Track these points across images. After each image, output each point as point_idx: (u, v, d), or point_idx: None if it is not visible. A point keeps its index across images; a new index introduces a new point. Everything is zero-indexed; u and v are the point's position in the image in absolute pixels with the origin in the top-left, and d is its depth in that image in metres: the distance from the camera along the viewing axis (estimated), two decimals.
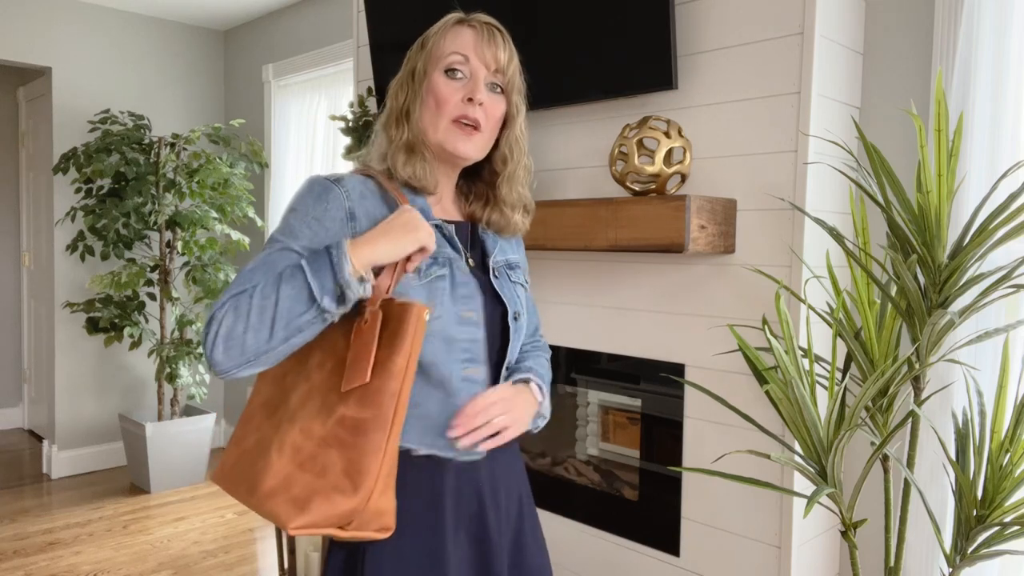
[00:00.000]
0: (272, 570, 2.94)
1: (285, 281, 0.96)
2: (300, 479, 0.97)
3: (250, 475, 1.01)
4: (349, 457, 0.97)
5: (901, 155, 1.86)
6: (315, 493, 0.95)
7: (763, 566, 1.84)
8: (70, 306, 3.86)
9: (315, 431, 0.99)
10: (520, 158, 1.19)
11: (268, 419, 1.05)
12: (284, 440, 0.99)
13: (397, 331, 0.99)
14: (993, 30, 1.69)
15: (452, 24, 1.14)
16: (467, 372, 1.10)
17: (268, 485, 0.97)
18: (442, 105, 1.10)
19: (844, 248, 1.48)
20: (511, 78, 1.15)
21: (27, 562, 2.93)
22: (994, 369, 1.70)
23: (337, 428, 0.98)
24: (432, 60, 1.12)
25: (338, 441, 0.98)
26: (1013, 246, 1.64)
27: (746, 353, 1.59)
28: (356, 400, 0.98)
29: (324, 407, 1.00)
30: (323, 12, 3.79)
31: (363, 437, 0.97)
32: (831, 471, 1.40)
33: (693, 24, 1.95)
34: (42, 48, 3.89)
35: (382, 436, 0.97)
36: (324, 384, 1.01)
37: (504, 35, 1.15)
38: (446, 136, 1.10)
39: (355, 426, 0.97)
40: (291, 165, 3.97)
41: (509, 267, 1.22)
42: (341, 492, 0.95)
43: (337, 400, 0.99)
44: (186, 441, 3.86)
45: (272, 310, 0.95)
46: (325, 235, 1.03)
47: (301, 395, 1.02)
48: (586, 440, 2.28)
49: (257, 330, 0.95)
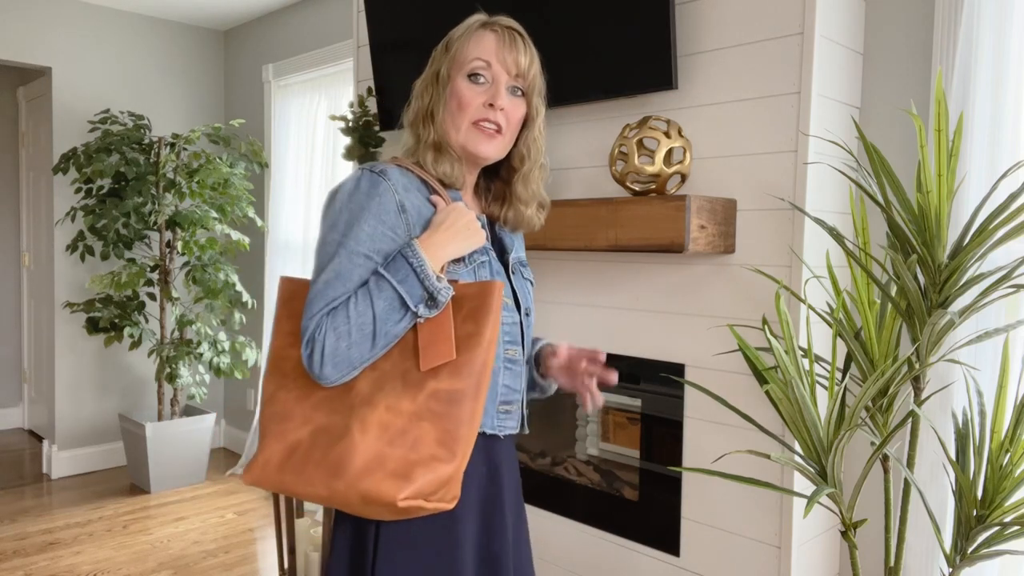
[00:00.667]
0: (272, 570, 2.94)
1: (376, 295, 1.04)
2: (393, 454, 1.02)
3: (327, 462, 1.03)
4: (444, 427, 1.03)
5: (901, 155, 1.86)
6: (415, 464, 1.01)
7: (763, 566, 1.84)
8: (70, 306, 3.86)
9: (404, 408, 1.04)
10: (537, 158, 1.24)
11: (323, 410, 1.07)
12: (367, 421, 1.03)
13: (481, 307, 1.07)
14: (993, 30, 1.69)
15: (476, 28, 1.18)
16: (509, 353, 1.19)
17: (358, 465, 1.01)
18: (464, 108, 1.15)
19: (844, 248, 1.49)
20: (532, 81, 1.19)
21: (27, 562, 2.93)
22: (994, 369, 1.70)
23: (430, 402, 1.04)
24: (456, 65, 1.16)
25: (431, 414, 1.04)
26: (1013, 246, 1.64)
27: (746, 353, 1.59)
28: (448, 374, 1.05)
29: (409, 385, 1.05)
30: (323, 12, 3.79)
31: (457, 407, 1.04)
32: (831, 471, 1.40)
33: (693, 24, 1.95)
34: (42, 48, 3.89)
35: (474, 404, 1.05)
36: (395, 368, 1.07)
37: (525, 39, 1.19)
38: (467, 138, 1.16)
39: (450, 398, 1.04)
40: (291, 165, 3.97)
41: (521, 264, 1.30)
42: (439, 460, 1.02)
43: (423, 377, 1.05)
44: (186, 441, 3.86)
45: (371, 325, 1.03)
46: (385, 231, 1.09)
47: (370, 382, 1.06)
48: (586, 440, 2.28)
49: (360, 344, 1.03)
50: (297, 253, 3.91)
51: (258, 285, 4.28)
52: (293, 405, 1.09)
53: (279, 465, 1.07)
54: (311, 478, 1.04)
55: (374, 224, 1.07)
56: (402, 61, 2.56)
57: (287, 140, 4.00)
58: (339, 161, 3.63)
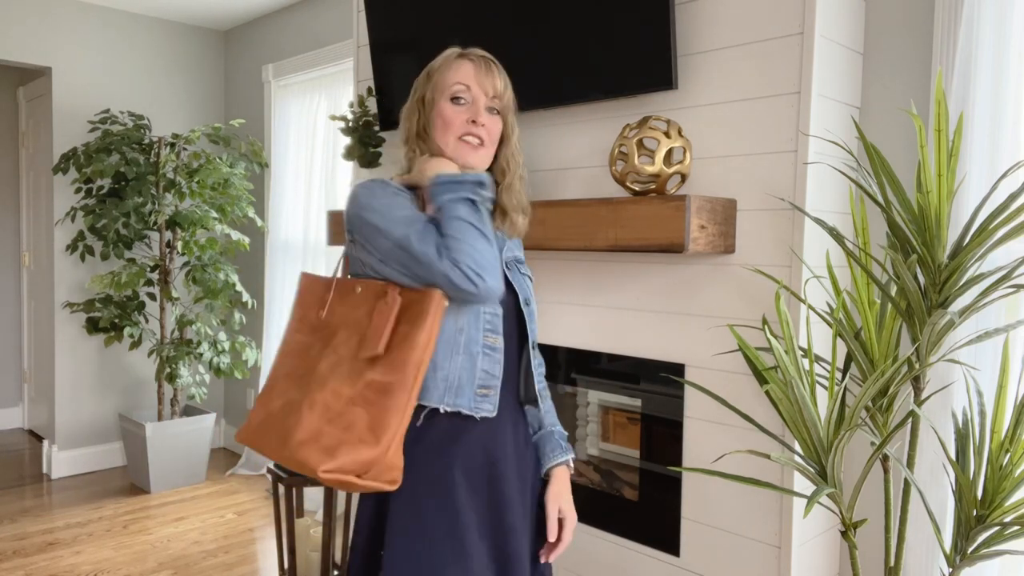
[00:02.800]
0: (272, 570, 2.94)
1: (451, 217, 1.20)
2: (329, 432, 1.15)
3: (281, 430, 1.19)
4: (373, 414, 1.15)
5: (901, 155, 1.86)
6: (342, 443, 1.13)
7: (763, 566, 1.84)
8: (70, 306, 3.86)
9: (344, 392, 1.17)
10: (516, 169, 1.39)
11: (294, 385, 1.24)
12: (315, 400, 1.17)
13: (420, 311, 1.19)
14: (993, 30, 1.69)
15: (454, 58, 1.34)
16: (488, 340, 1.30)
17: (299, 437, 1.15)
18: (449, 126, 1.30)
19: (844, 248, 1.49)
20: (506, 102, 1.35)
21: (27, 562, 2.93)
22: (994, 369, 1.70)
23: (365, 390, 1.17)
24: (439, 90, 1.32)
25: (365, 400, 1.16)
26: (1013, 246, 1.64)
27: (746, 353, 1.59)
28: (384, 367, 1.17)
29: (352, 373, 1.19)
30: (323, 12, 3.79)
31: (388, 398, 1.15)
32: (831, 471, 1.40)
33: (693, 24, 1.95)
34: (42, 48, 3.89)
35: (404, 398, 1.16)
36: (350, 355, 1.21)
37: (498, 66, 1.35)
38: (455, 152, 1.31)
39: (381, 388, 1.16)
40: (291, 165, 3.97)
41: (518, 262, 1.43)
42: (365, 443, 1.13)
43: (364, 367, 1.18)
44: (186, 441, 3.86)
45: (476, 228, 1.21)
46: (404, 201, 1.26)
47: (329, 364, 1.21)
48: (586, 440, 2.29)
49: (485, 247, 1.20)
50: (297, 253, 3.91)
51: (258, 285, 4.28)
52: (280, 380, 1.27)
53: (255, 428, 1.24)
54: (269, 442, 1.20)
55: (398, 199, 1.25)
56: (402, 61, 2.56)
57: (287, 140, 4.00)
58: (339, 161, 3.63)
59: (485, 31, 2.28)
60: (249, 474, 4.08)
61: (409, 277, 1.22)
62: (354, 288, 1.26)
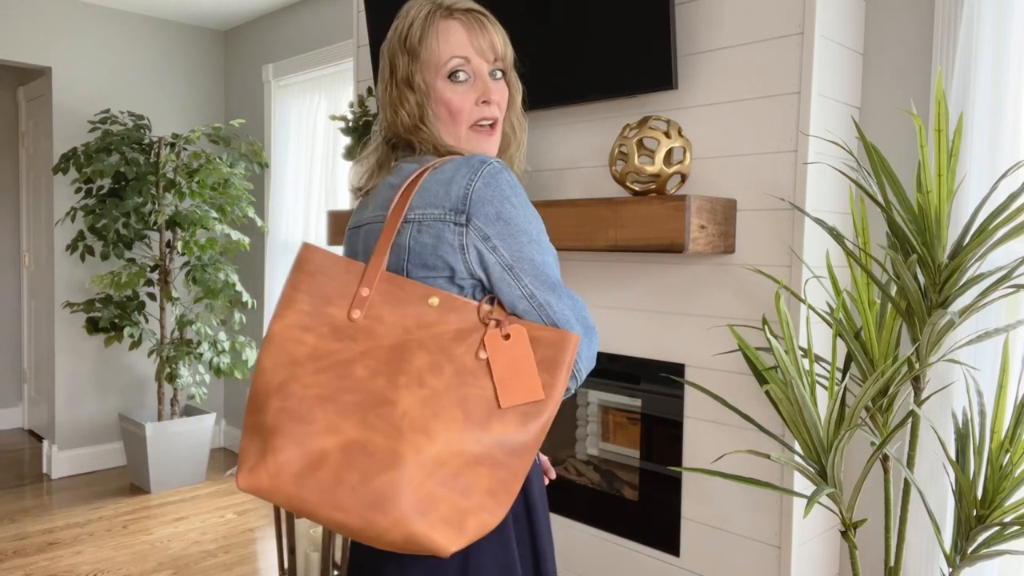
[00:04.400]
0: (272, 570, 2.94)
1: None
2: (444, 497, 0.89)
3: (368, 491, 0.88)
4: (499, 477, 0.92)
5: (901, 155, 1.86)
6: (466, 513, 0.90)
7: (763, 566, 1.84)
8: (70, 306, 3.86)
9: (468, 448, 0.92)
10: (522, 136, 1.19)
11: (348, 418, 0.91)
12: (422, 453, 0.89)
13: (556, 358, 0.96)
14: (993, 30, 1.69)
15: (438, 20, 1.06)
16: None
17: (408, 504, 0.88)
18: (457, 115, 1.07)
19: (844, 248, 1.49)
20: (508, 60, 1.12)
21: (27, 562, 2.93)
22: (994, 369, 1.70)
23: (495, 449, 0.93)
24: (430, 68, 1.06)
25: (492, 461, 0.92)
26: (1013, 246, 1.64)
27: (746, 353, 1.59)
28: (516, 421, 0.94)
29: (471, 422, 0.92)
30: (323, 12, 3.79)
31: (518, 459, 0.93)
32: (831, 471, 1.40)
33: (693, 24, 1.95)
34: (42, 48, 3.89)
35: (531, 459, 0.95)
36: (450, 393, 0.93)
37: (489, 17, 1.10)
38: (468, 143, 1.09)
39: (514, 449, 0.93)
40: (291, 165, 3.97)
41: None
42: (486, 511, 0.91)
43: (489, 417, 0.93)
44: (186, 441, 3.86)
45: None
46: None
47: (419, 402, 0.92)
48: (586, 440, 2.28)
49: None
50: None
51: (258, 285, 4.28)
52: (313, 405, 0.91)
53: (297, 476, 0.89)
54: (343, 503, 0.88)
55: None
56: None
57: (287, 140, 4.00)
58: (339, 161, 3.63)
59: None
60: None
61: (508, 304, 1.00)
62: (423, 297, 0.97)
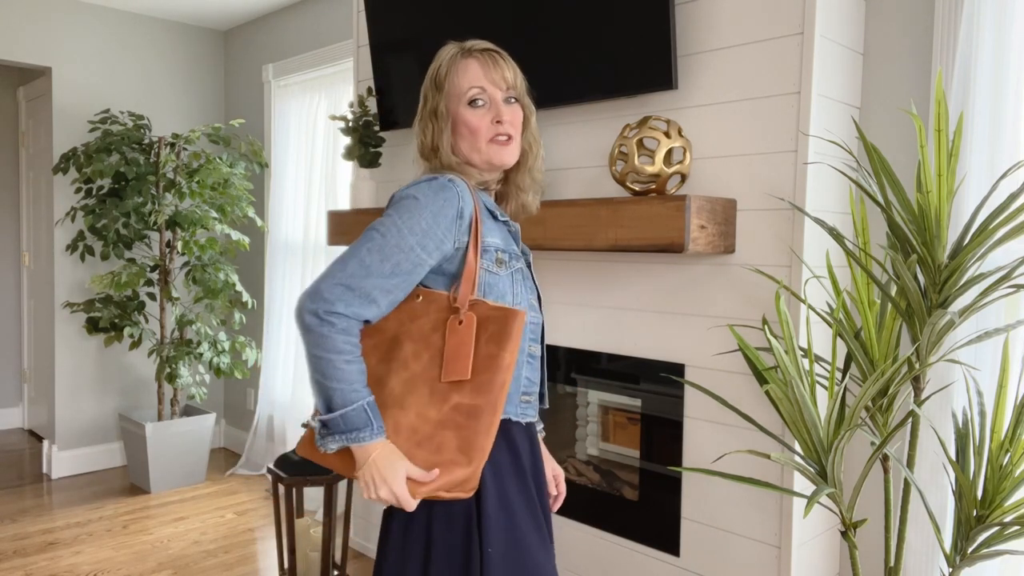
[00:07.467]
0: (272, 570, 2.94)
1: (352, 359, 1.15)
2: (419, 455, 1.16)
3: None
4: (464, 436, 1.16)
5: (901, 155, 1.86)
6: (435, 466, 1.16)
7: (763, 566, 1.84)
8: (70, 306, 3.86)
9: (431, 416, 1.18)
10: (538, 150, 1.40)
11: None
12: (400, 423, 1.18)
13: (503, 331, 1.18)
14: (993, 30, 1.69)
15: (459, 59, 1.32)
16: (531, 349, 1.32)
17: None
18: (476, 133, 1.30)
19: (844, 248, 1.49)
20: (519, 88, 1.35)
21: (27, 562, 2.93)
22: (994, 369, 1.70)
23: (453, 413, 1.17)
24: (453, 97, 1.31)
25: (454, 424, 1.17)
26: (1013, 246, 1.64)
27: (746, 353, 1.59)
28: (470, 390, 1.17)
29: (435, 395, 1.19)
30: (323, 12, 3.79)
31: (476, 420, 1.16)
32: (831, 471, 1.40)
33: (693, 24, 1.95)
34: (42, 48, 3.88)
35: (492, 418, 1.17)
36: (425, 373, 1.20)
37: (502, 55, 1.34)
38: (489, 154, 1.30)
39: (470, 412, 1.17)
40: (291, 165, 3.97)
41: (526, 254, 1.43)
42: (458, 464, 1.15)
43: (447, 389, 1.18)
44: (186, 441, 3.86)
45: (330, 377, 1.15)
46: (436, 231, 1.22)
47: (402, 381, 1.20)
48: (586, 440, 2.28)
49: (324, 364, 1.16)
50: (297, 253, 3.91)
51: (258, 285, 4.28)
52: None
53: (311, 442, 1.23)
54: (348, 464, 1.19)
55: (430, 221, 1.20)
56: (402, 61, 2.56)
57: (287, 140, 4.00)
58: (339, 161, 3.63)
59: (485, 31, 2.27)
60: (249, 474, 4.08)
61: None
62: (414, 294, 1.24)
